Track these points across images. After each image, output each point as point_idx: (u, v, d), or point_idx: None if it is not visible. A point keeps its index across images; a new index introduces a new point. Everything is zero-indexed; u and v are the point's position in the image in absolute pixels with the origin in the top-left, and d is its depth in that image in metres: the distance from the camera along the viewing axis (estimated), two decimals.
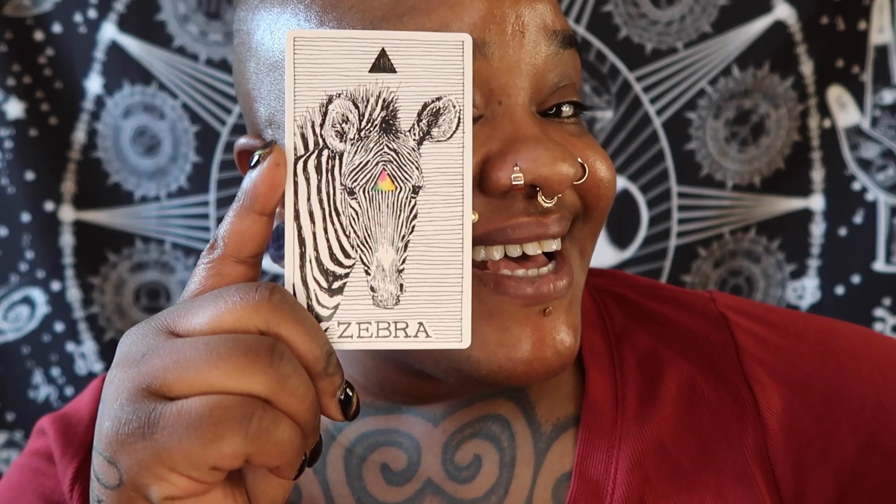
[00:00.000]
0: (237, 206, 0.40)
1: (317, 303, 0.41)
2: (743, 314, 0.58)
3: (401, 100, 0.41)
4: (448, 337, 0.42)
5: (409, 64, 0.41)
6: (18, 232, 0.97)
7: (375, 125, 0.41)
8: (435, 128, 0.41)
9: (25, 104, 0.96)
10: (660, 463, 0.53)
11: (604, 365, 0.57)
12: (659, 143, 0.98)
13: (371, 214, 0.41)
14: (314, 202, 0.41)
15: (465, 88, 0.41)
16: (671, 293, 0.62)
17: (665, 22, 0.97)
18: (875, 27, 0.96)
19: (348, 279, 0.41)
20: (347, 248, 0.41)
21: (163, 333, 0.39)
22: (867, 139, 0.97)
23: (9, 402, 1.00)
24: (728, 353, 0.56)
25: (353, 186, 0.41)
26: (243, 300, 0.38)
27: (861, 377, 0.54)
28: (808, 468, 0.53)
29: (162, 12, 0.96)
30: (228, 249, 0.40)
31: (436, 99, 0.41)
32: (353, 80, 0.41)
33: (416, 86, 0.41)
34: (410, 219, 0.42)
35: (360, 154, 0.41)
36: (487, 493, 0.54)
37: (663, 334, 0.58)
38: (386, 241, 0.42)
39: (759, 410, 0.54)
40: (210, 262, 0.41)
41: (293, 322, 0.38)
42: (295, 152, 0.41)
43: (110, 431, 0.37)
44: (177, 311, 0.39)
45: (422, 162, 0.41)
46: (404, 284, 0.42)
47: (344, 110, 0.41)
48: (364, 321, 0.42)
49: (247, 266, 0.41)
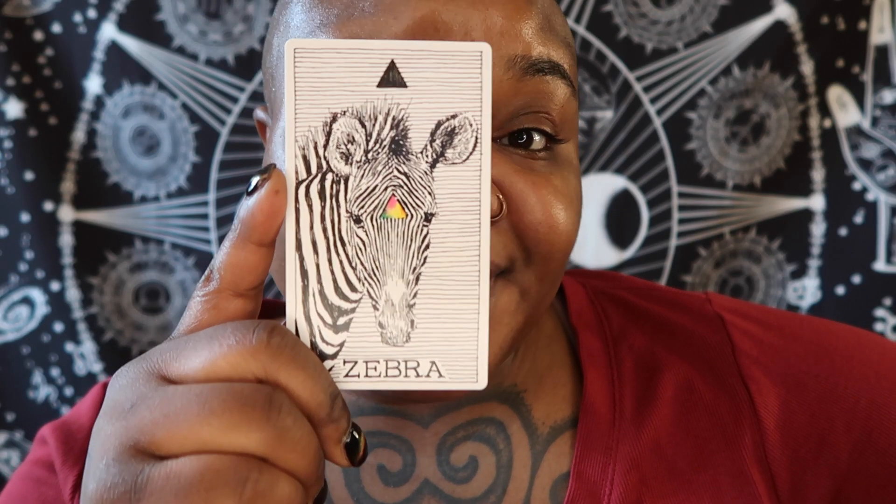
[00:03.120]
0: (233, 237, 0.37)
1: (321, 340, 0.39)
2: (739, 315, 0.58)
3: (412, 117, 0.38)
4: (463, 377, 0.39)
5: (422, 77, 0.38)
6: (18, 232, 0.97)
7: (384, 146, 0.38)
8: (450, 149, 0.38)
9: (25, 104, 0.96)
10: (657, 464, 0.53)
11: (601, 366, 0.57)
12: (659, 143, 0.98)
13: (379, 244, 0.38)
14: (317, 231, 0.38)
15: (483, 104, 0.38)
16: (668, 294, 0.62)
17: (665, 22, 0.97)
18: (875, 27, 0.96)
19: (355, 315, 0.38)
20: (354, 280, 0.38)
21: (154, 378, 0.36)
22: (867, 139, 0.97)
23: (8, 402, 1.00)
24: (725, 354, 0.56)
25: (359, 213, 0.38)
26: (239, 344, 0.35)
27: (855, 376, 0.55)
28: (804, 466, 0.53)
29: (162, 12, 0.96)
30: (225, 282, 0.38)
31: (451, 116, 0.38)
32: (359, 96, 0.37)
33: (429, 102, 0.38)
34: (422, 249, 0.38)
35: (367, 178, 0.38)
36: (485, 492, 0.54)
37: (660, 335, 0.58)
38: (395, 273, 0.38)
39: (756, 410, 0.54)
40: (206, 296, 0.38)
41: (294, 367, 0.35)
42: (296, 176, 0.38)
43: (95, 495, 0.35)
44: (169, 353, 0.36)
45: (435, 186, 0.38)
46: (415, 320, 0.39)
47: (350, 129, 0.37)
48: (372, 360, 0.39)
49: (246, 299, 0.38)
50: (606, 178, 0.99)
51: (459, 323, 0.39)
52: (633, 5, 0.96)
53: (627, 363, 0.57)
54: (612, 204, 1.00)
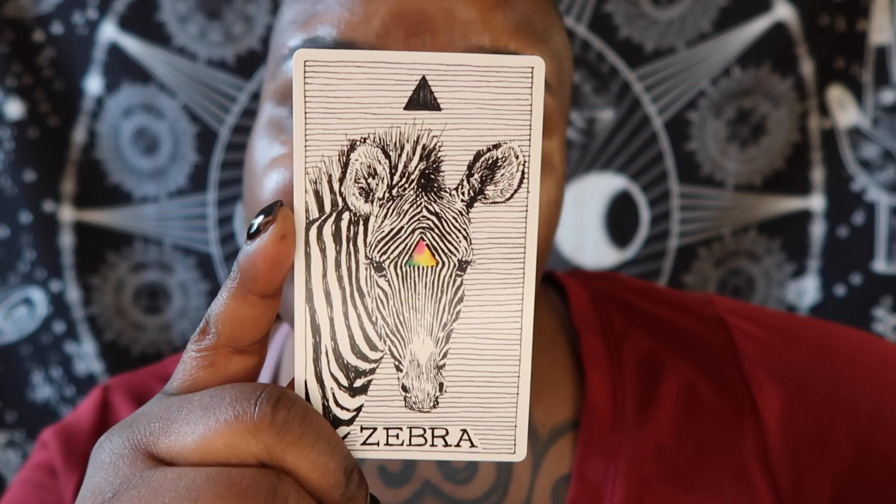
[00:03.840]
0: (232, 287, 0.33)
1: (335, 404, 0.34)
2: (741, 317, 0.59)
3: (446, 147, 0.32)
4: (498, 447, 0.35)
5: (459, 98, 0.32)
6: (18, 232, 0.97)
7: (412, 181, 0.33)
8: (490, 185, 0.33)
9: (25, 104, 0.96)
10: (659, 465, 0.53)
11: (603, 368, 0.57)
12: (659, 143, 0.98)
13: (404, 296, 0.33)
14: (332, 280, 0.33)
15: (532, 132, 0.32)
16: (669, 296, 0.62)
17: (665, 22, 0.97)
18: (875, 27, 0.96)
19: (374, 376, 0.34)
20: (374, 338, 0.34)
21: (140, 457, 0.32)
22: (867, 139, 0.97)
23: (9, 402, 1.00)
24: (727, 356, 0.57)
25: (381, 260, 0.33)
26: (238, 419, 0.30)
27: (856, 378, 0.55)
28: (805, 468, 0.54)
29: (162, 12, 0.96)
30: (223, 338, 0.33)
31: (493, 146, 0.32)
32: (383, 120, 0.32)
33: (468, 128, 0.32)
34: (455, 303, 0.34)
35: (391, 218, 0.33)
36: (486, 494, 0.54)
37: (662, 337, 0.58)
38: (423, 330, 0.34)
39: (758, 411, 0.54)
40: (201, 351, 0.33)
41: (303, 446, 0.31)
42: (307, 215, 0.33)
43: None
44: (158, 424, 0.32)
45: (471, 230, 0.33)
46: (445, 384, 0.34)
47: (371, 160, 0.32)
48: (394, 426, 0.34)
49: (247, 356, 0.34)
50: (606, 178, 0.99)
51: (496, 388, 0.34)
52: (633, 5, 0.96)
53: (629, 364, 0.57)
54: (612, 204, 1.00)
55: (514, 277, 0.33)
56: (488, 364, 0.34)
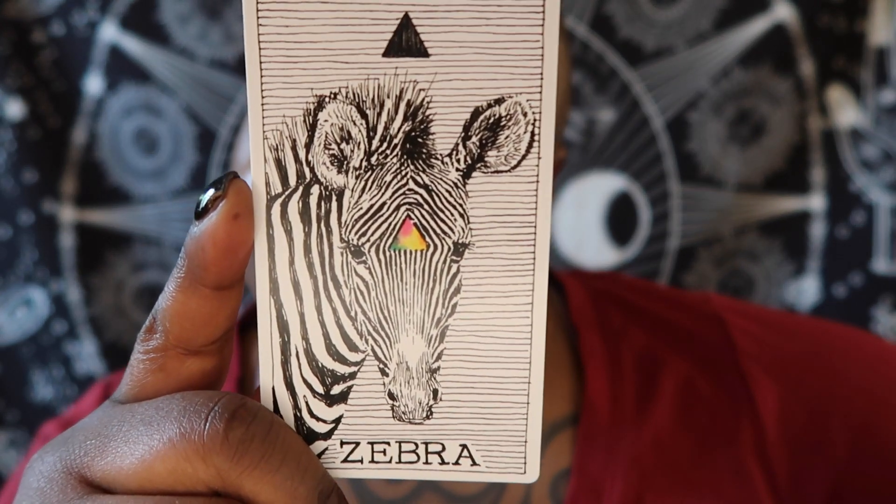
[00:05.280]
0: (179, 277, 0.27)
1: (308, 415, 0.29)
2: (738, 314, 0.59)
3: (437, 103, 0.26)
4: (505, 466, 0.29)
5: (452, 41, 0.25)
6: (18, 232, 0.97)
7: (395, 146, 0.26)
8: (492, 150, 0.27)
9: (25, 104, 0.96)
10: (658, 460, 0.53)
11: (602, 364, 0.57)
12: (659, 143, 0.98)
13: (389, 286, 0.28)
14: (300, 268, 0.27)
15: (544, 83, 0.26)
16: (668, 294, 0.62)
17: (665, 22, 0.97)
18: (875, 27, 0.96)
19: (355, 381, 0.29)
20: (353, 336, 0.28)
21: (71, 483, 0.26)
22: (867, 139, 0.97)
23: (10, 402, 1.00)
24: (724, 352, 0.57)
25: (360, 243, 0.27)
26: (185, 438, 0.25)
27: (852, 374, 0.55)
28: (803, 463, 0.54)
29: (162, 12, 0.96)
30: (172, 337, 0.27)
31: (495, 102, 0.26)
32: (357, 70, 0.26)
33: (463, 78, 0.26)
34: (450, 294, 0.28)
35: (370, 192, 0.27)
36: (485, 489, 0.54)
37: (660, 334, 0.59)
38: (412, 326, 0.28)
39: (756, 407, 0.55)
40: (148, 353, 0.28)
41: (266, 469, 0.25)
42: (267, 189, 0.27)
43: None
44: (95, 444, 0.27)
45: (469, 205, 0.27)
46: (440, 390, 0.28)
47: (344, 121, 0.26)
48: (380, 440, 0.29)
49: (204, 358, 0.28)
50: (606, 178, 0.99)
51: (502, 395, 0.29)
52: (633, 5, 0.96)
53: (628, 361, 0.57)
54: (612, 204, 1.00)
55: (522, 263, 0.27)
56: (492, 367, 0.28)
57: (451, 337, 0.28)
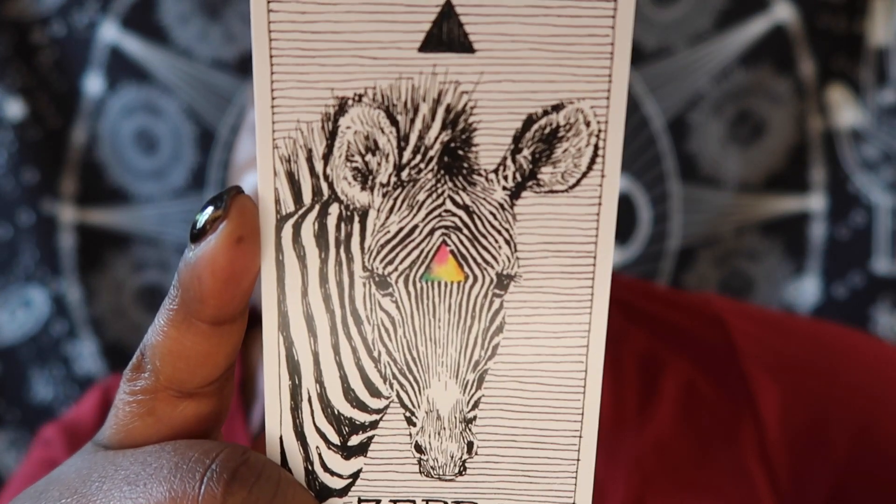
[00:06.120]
0: (171, 310, 0.23)
1: (321, 468, 0.25)
2: (738, 315, 0.59)
3: (482, 108, 0.22)
4: None
5: (502, 35, 0.21)
6: (18, 232, 0.97)
7: (431, 159, 0.22)
8: (547, 165, 0.23)
9: (26, 104, 0.96)
10: (659, 462, 0.54)
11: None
12: (659, 143, 0.98)
13: (419, 323, 0.24)
14: (315, 300, 0.24)
15: (613, 87, 0.22)
16: (668, 295, 0.62)
17: (665, 22, 0.97)
18: (875, 27, 0.96)
19: (377, 431, 0.25)
20: (376, 380, 0.25)
21: None
22: (867, 139, 0.97)
23: (10, 402, 1.00)
24: (725, 352, 0.57)
25: (386, 273, 0.23)
26: None
27: (852, 374, 0.56)
28: (804, 462, 0.54)
29: (162, 12, 0.96)
30: (163, 377, 0.23)
31: (552, 108, 0.22)
32: (387, 68, 0.21)
33: (515, 80, 0.22)
34: (491, 333, 0.24)
35: (400, 213, 0.23)
36: None
37: (661, 335, 0.59)
38: (445, 370, 0.24)
39: (757, 407, 0.55)
40: (136, 394, 0.24)
41: None
42: (277, 208, 0.23)
43: None
44: (71, 501, 0.23)
45: (517, 230, 0.23)
46: (475, 443, 0.25)
47: (370, 128, 0.22)
48: (404, 499, 0.25)
49: (200, 400, 0.24)
50: None
51: (548, 449, 0.25)
52: None
53: (629, 363, 0.57)
54: None
55: (577, 300, 0.23)
56: (538, 418, 0.25)
57: (491, 383, 0.24)
